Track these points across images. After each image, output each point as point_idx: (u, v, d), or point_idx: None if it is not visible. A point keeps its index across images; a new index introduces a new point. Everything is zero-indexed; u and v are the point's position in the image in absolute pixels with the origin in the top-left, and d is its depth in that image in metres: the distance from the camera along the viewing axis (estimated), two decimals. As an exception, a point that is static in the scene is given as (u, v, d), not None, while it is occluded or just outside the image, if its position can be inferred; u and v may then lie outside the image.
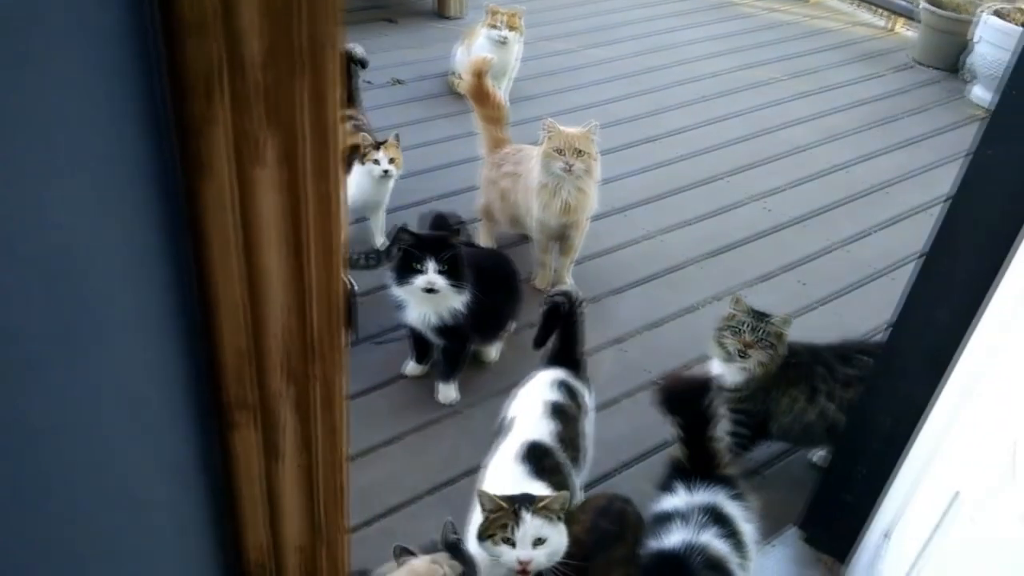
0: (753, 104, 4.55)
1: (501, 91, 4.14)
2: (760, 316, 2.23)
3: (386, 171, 2.91)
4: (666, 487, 1.85)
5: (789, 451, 2.48)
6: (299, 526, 0.68)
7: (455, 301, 2.41)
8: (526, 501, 1.64)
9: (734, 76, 4.87)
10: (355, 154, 2.92)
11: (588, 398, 2.16)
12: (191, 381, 0.58)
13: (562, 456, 1.91)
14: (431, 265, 2.33)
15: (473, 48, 4.07)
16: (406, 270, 2.37)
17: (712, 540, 1.70)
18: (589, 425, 2.12)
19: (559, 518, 1.64)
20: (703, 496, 1.77)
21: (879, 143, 4.26)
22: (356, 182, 2.94)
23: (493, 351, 2.73)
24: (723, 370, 2.27)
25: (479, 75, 3.06)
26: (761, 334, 2.20)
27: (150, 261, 0.52)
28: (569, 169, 2.74)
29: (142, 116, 0.48)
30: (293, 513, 0.67)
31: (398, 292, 2.42)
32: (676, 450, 1.89)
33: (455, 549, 1.55)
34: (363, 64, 3.35)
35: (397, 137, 2.96)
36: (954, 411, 1.55)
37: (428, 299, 2.38)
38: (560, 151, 2.74)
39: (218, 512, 0.64)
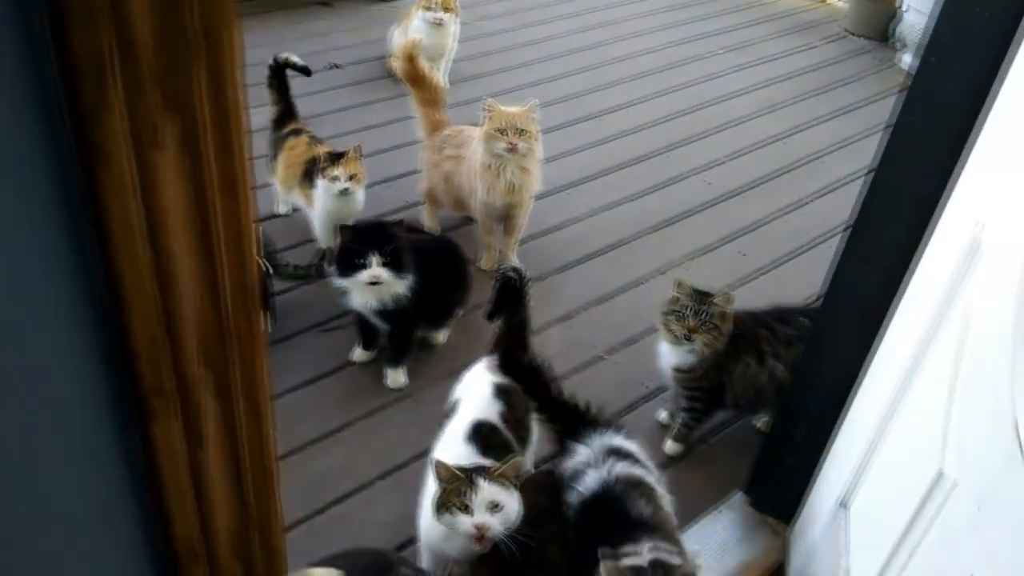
0: (691, 78, 4.60)
1: (440, 73, 4.12)
2: (703, 298, 2.26)
3: (345, 189, 2.74)
4: (562, 452, 1.91)
5: (733, 419, 2.54)
6: (229, 512, 0.68)
7: (398, 287, 2.41)
8: (481, 469, 1.67)
9: (672, 51, 4.91)
10: (313, 168, 2.79)
11: None
12: (105, 372, 0.58)
13: (509, 435, 1.93)
14: (374, 259, 2.33)
15: (409, 30, 4.03)
16: (349, 264, 2.36)
17: (625, 469, 1.79)
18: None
19: (513, 484, 1.67)
20: (598, 443, 1.86)
21: (814, 113, 4.34)
22: (319, 196, 2.81)
23: (441, 335, 2.74)
24: (673, 353, 2.31)
25: (411, 58, 3.04)
26: (704, 316, 2.24)
27: (51, 251, 0.51)
28: (512, 149, 2.74)
29: (34, 104, 0.47)
30: (221, 499, 0.67)
31: (341, 283, 2.42)
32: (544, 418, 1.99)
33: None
34: (306, 72, 3.16)
35: (358, 149, 2.79)
36: (902, 378, 1.56)
37: (371, 288, 2.38)
38: (502, 131, 2.73)
39: (144, 501, 0.64)
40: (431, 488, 1.73)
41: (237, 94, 0.53)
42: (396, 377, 2.56)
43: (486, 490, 1.62)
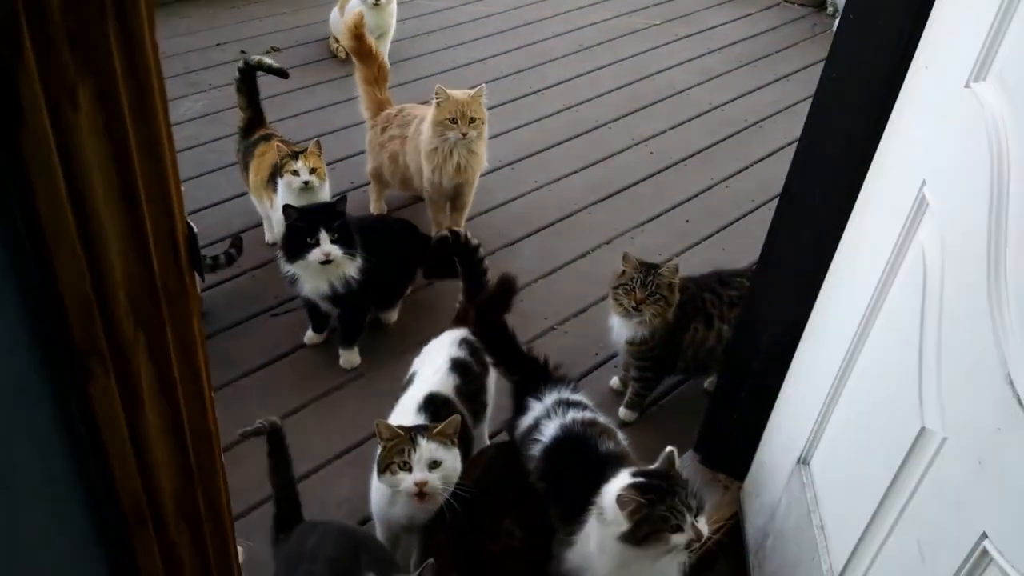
0: (632, 51, 4.64)
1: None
2: (649, 269, 2.30)
3: (306, 182, 2.60)
4: (520, 410, 1.98)
5: (683, 381, 2.60)
6: (172, 472, 0.69)
7: (349, 268, 2.40)
8: (421, 428, 1.72)
9: (612, 24, 4.94)
10: (276, 173, 2.67)
11: None
12: (38, 332, 0.58)
13: (461, 408, 1.96)
14: (324, 236, 2.31)
15: (346, 11, 4.00)
16: (298, 245, 2.33)
17: (580, 414, 1.89)
18: (491, 382, 2.17)
19: (453, 443, 1.72)
20: (552, 397, 1.94)
21: (753, 81, 4.41)
22: (280, 197, 2.68)
23: (392, 315, 2.75)
24: (625, 326, 2.34)
25: (358, 35, 3.01)
26: (652, 288, 2.27)
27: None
28: (464, 136, 2.74)
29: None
30: (163, 460, 0.68)
31: (290, 268, 2.39)
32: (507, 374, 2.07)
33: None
34: (283, 74, 2.98)
35: (319, 144, 2.68)
36: (853, 335, 1.58)
37: (322, 270, 2.36)
38: (453, 120, 2.72)
39: (86, 463, 0.64)
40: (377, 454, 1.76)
41: (151, 55, 0.54)
42: (350, 357, 2.56)
43: (425, 447, 1.67)
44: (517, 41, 4.63)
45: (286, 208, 2.35)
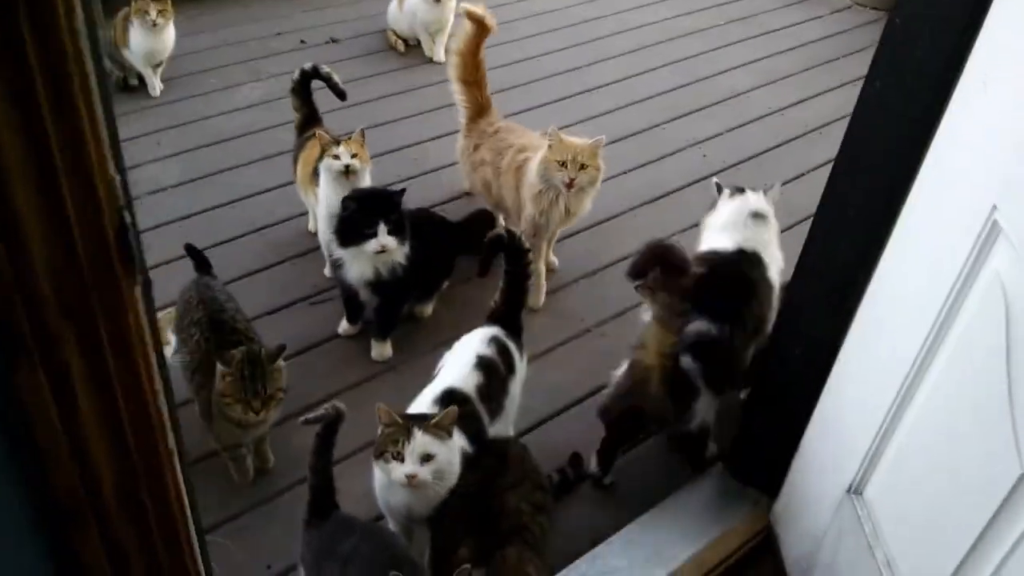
0: (691, 51, 4.55)
1: (437, 48, 4.11)
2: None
3: (347, 166, 2.57)
4: None
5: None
6: (110, 468, 0.68)
7: (397, 255, 2.40)
8: (419, 419, 1.72)
9: (672, 24, 4.85)
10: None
11: (520, 360, 2.16)
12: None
13: (479, 406, 1.94)
14: (382, 227, 2.31)
15: (405, 5, 4.02)
16: (354, 233, 2.34)
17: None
18: (516, 387, 2.14)
19: (449, 435, 1.71)
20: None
21: (818, 86, 4.28)
22: (323, 185, 2.65)
23: (428, 308, 2.74)
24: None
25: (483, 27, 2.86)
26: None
27: None
28: (570, 185, 2.56)
29: None
30: (101, 454, 0.67)
31: (342, 254, 2.40)
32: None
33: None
34: (341, 96, 2.96)
35: (362, 132, 2.65)
36: (911, 365, 1.49)
37: (371, 257, 2.36)
38: (563, 163, 2.56)
39: (21, 458, 0.64)
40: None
41: (70, 45, 0.52)
42: (382, 350, 2.57)
43: (419, 440, 1.67)
44: (573, 39, 4.59)
45: (345, 198, 2.37)
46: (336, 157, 2.58)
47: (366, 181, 2.68)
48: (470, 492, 1.76)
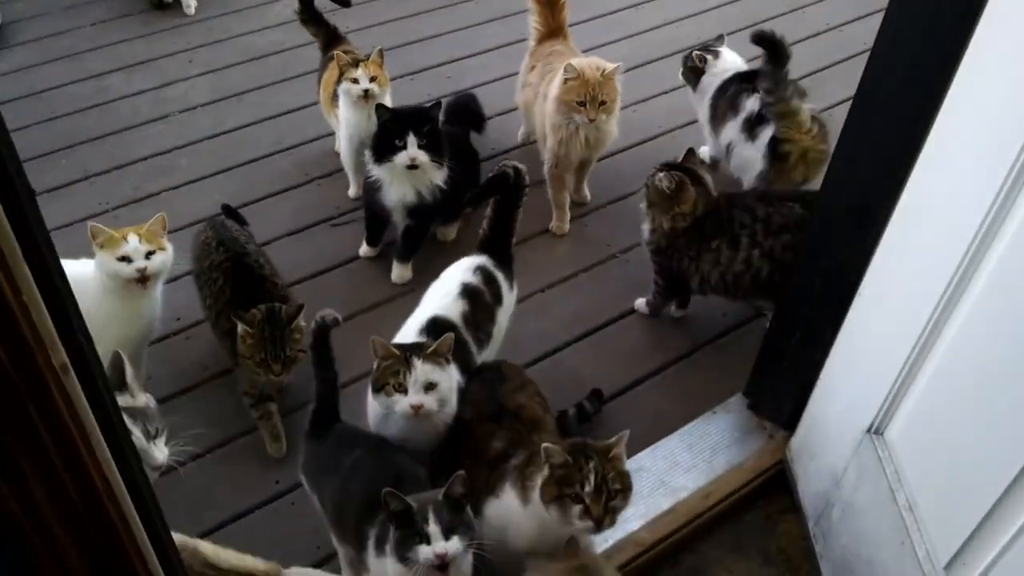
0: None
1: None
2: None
3: (365, 91, 2.49)
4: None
5: (745, 320, 2.45)
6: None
7: (436, 176, 2.35)
8: (416, 348, 1.68)
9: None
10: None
11: (509, 291, 2.09)
12: None
13: (465, 334, 1.90)
14: (412, 139, 2.26)
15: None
16: (386, 147, 2.30)
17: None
18: (504, 316, 2.07)
19: (448, 361, 1.68)
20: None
21: (879, 1, 3.99)
22: (342, 108, 2.61)
23: (452, 231, 2.70)
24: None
25: None
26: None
27: None
28: (591, 122, 2.47)
29: None
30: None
31: (377, 171, 2.35)
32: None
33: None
34: (345, 3, 2.98)
35: (380, 53, 2.56)
36: (938, 302, 1.39)
37: (409, 176, 2.32)
38: (581, 103, 2.45)
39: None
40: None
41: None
42: (402, 272, 2.55)
43: (420, 369, 1.63)
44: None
45: (378, 107, 2.33)
46: (355, 81, 2.51)
47: (386, 103, 2.61)
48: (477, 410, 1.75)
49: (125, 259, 1.92)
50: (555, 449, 1.46)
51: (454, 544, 1.38)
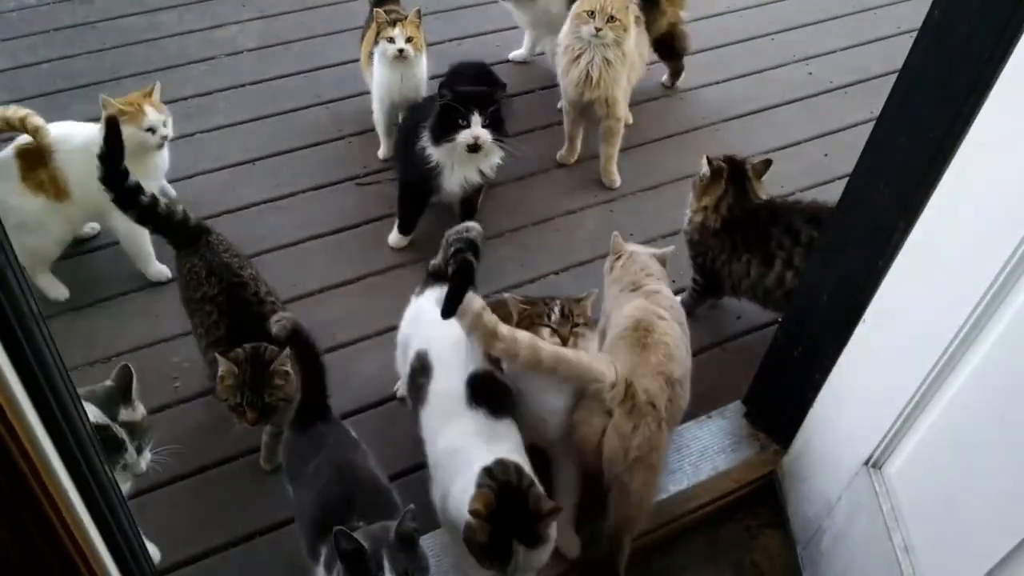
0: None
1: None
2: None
3: (400, 51, 2.47)
4: None
5: (758, 327, 2.39)
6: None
7: (496, 156, 2.30)
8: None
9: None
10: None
11: None
12: None
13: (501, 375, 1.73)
14: (476, 118, 2.19)
15: None
16: (446, 126, 2.22)
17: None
18: None
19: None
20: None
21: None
22: (376, 67, 2.58)
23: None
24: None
25: None
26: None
27: None
28: (597, 34, 2.46)
29: None
30: None
31: (437, 155, 2.28)
32: None
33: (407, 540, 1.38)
34: None
35: (419, 13, 2.52)
36: (952, 336, 1.34)
37: (471, 158, 2.26)
38: (591, 13, 2.46)
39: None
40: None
41: None
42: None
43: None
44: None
45: (441, 88, 2.28)
46: (390, 40, 2.48)
47: (422, 66, 2.57)
48: None
49: (151, 130, 2.20)
50: (511, 298, 1.75)
51: None
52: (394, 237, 2.52)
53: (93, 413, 1.45)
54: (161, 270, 2.35)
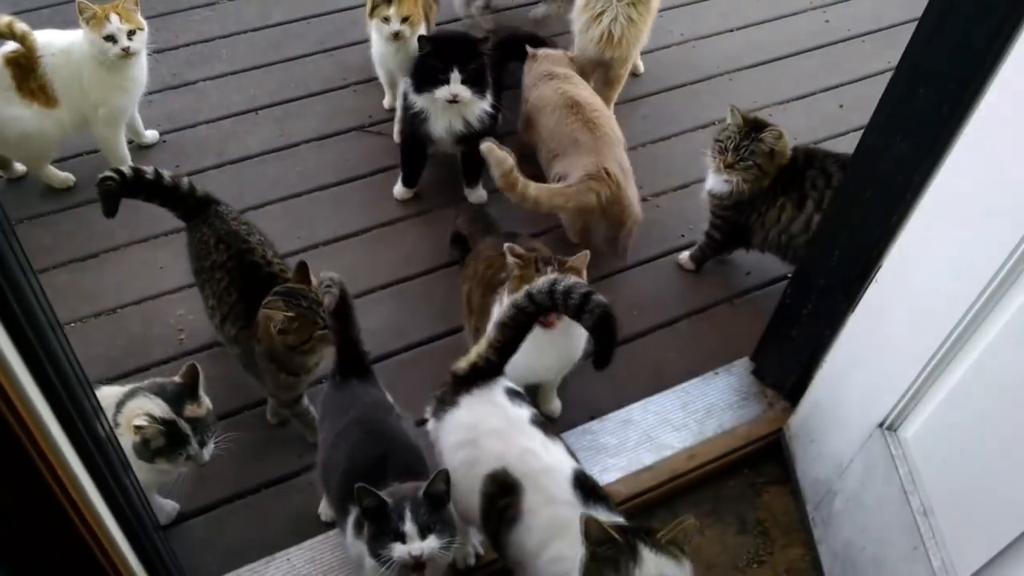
0: None
1: None
2: (750, 131, 2.07)
3: (396, 33, 2.37)
4: None
5: (767, 282, 2.36)
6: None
7: (481, 105, 2.26)
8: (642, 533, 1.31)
9: None
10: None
11: None
12: None
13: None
14: (455, 75, 2.16)
15: None
16: (427, 79, 2.19)
17: None
18: None
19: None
20: None
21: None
22: (373, 35, 2.51)
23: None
24: (712, 176, 2.19)
25: None
26: (745, 152, 2.07)
27: None
28: None
29: None
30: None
31: (418, 101, 2.24)
32: None
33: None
34: None
35: None
36: (973, 300, 1.29)
37: (451, 107, 2.22)
38: None
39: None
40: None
41: None
42: (480, 194, 2.46)
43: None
44: None
45: (421, 38, 2.22)
46: (386, 20, 2.38)
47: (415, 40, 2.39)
48: None
49: (110, 38, 2.18)
50: (508, 248, 1.77)
51: (430, 543, 1.31)
52: (398, 189, 2.49)
53: (161, 408, 1.53)
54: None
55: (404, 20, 2.37)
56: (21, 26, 2.17)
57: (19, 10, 2.94)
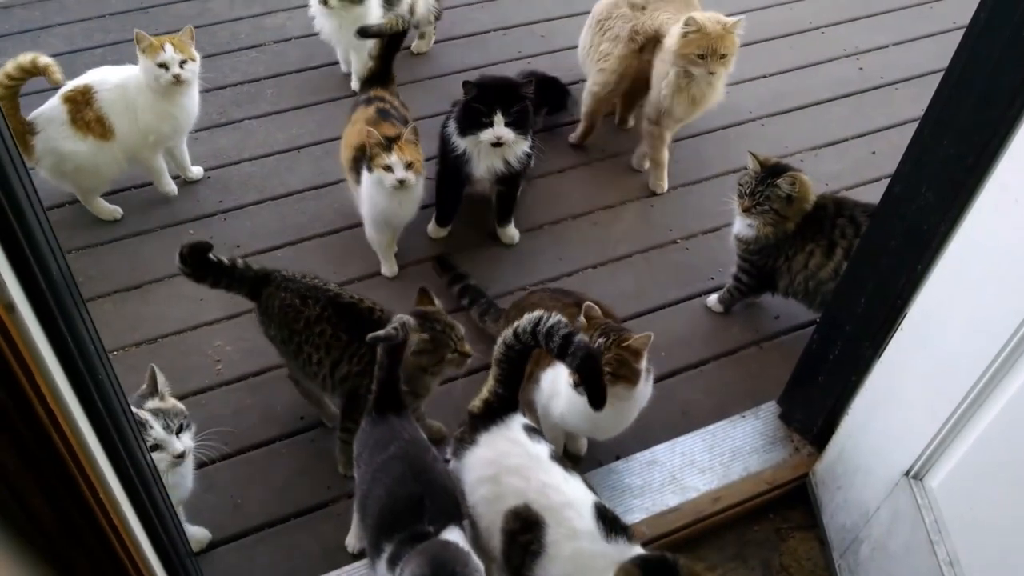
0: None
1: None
2: (767, 176, 2.10)
3: (401, 181, 2.15)
4: None
5: (795, 327, 2.36)
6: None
7: (522, 147, 2.32)
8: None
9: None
10: (363, 156, 2.23)
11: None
12: None
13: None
14: (499, 118, 2.22)
15: None
16: (471, 122, 2.25)
17: None
18: None
19: None
20: None
21: None
22: (368, 194, 2.25)
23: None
24: (738, 220, 2.23)
25: None
26: (760, 198, 2.10)
27: None
28: (711, 75, 2.44)
29: None
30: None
31: (461, 144, 2.30)
32: None
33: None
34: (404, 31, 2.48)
35: (415, 131, 2.19)
36: (1000, 347, 1.30)
37: (495, 150, 2.28)
38: (702, 56, 2.40)
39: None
40: None
41: None
42: (511, 233, 2.53)
43: None
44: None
45: (466, 83, 2.26)
46: (388, 169, 2.14)
47: (418, 193, 2.29)
48: None
49: (163, 66, 2.33)
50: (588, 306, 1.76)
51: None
52: (432, 228, 2.55)
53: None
54: (173, 187, 2.62)
55: (408, 167, 2.14)
56: (44, 59, 2.30)
57: (73, 49, 3.10)
